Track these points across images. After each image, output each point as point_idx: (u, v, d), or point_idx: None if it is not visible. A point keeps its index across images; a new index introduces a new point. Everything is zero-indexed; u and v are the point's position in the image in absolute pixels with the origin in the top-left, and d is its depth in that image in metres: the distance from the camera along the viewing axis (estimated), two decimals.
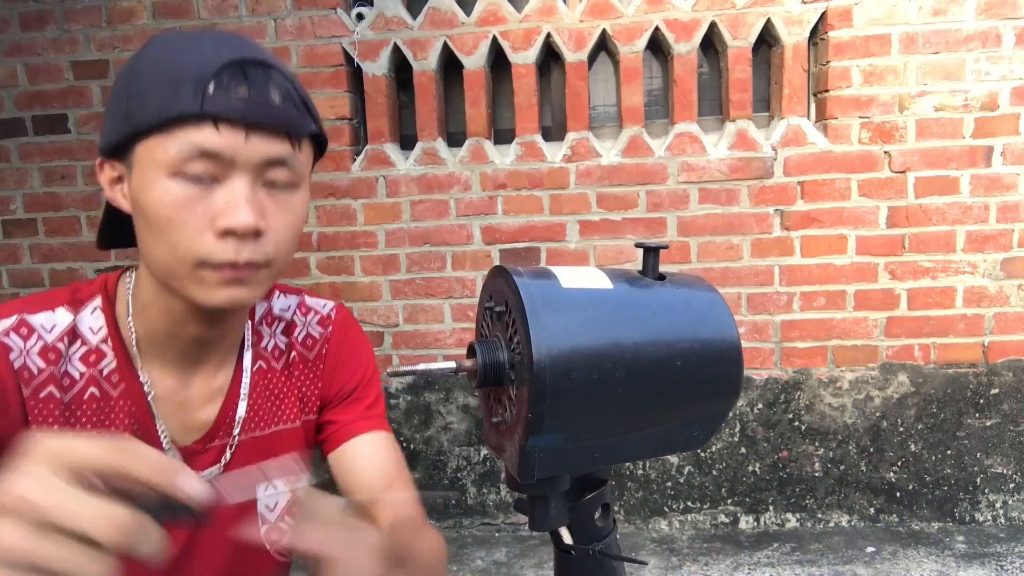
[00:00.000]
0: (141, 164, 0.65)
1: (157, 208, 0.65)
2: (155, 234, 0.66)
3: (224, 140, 0.63)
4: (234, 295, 0.68)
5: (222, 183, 0.65)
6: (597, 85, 2.81)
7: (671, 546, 2.66)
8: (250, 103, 0.63)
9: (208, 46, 0.65)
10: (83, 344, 0.73)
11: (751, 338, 2.70)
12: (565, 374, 0.46)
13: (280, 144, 0.66)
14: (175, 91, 0.62)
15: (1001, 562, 2.44)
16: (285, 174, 0.68)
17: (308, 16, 2.68)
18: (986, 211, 2.58)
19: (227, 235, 0.65)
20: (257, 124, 0.64)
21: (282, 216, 0.69)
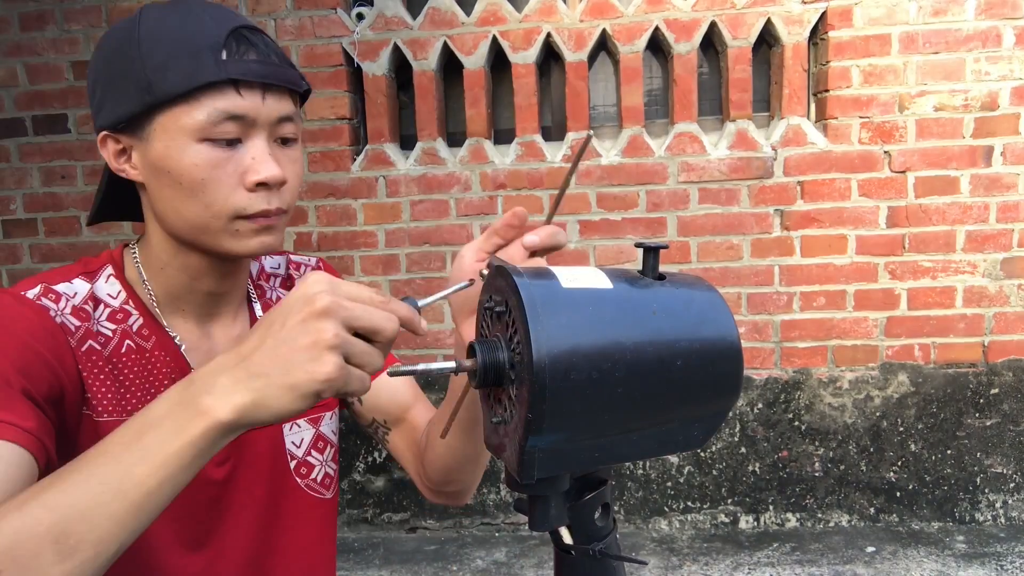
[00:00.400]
0: (166, 132, 0.70)
1: (191, 171, 0.70)
2: (187, 195, 0.71)
3: (247, 103, 0.70)
4: (266, 241, 0.75)
5: (244, 143, 0.72)
6: (597, 85, 2.81)
7: (671, 546, 2.66)
8: (263, 65, 0.70)
9: (204, 16, 0.70)
10: (106, 307, 0.78)
11: (751, 338, 2.70)
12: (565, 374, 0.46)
13: (287, 102, 0.74)
14: (196, 60, 0.67)
15: (1001, 562, 2.44)
16: (292, 128, 0.75)
17: (308, 16, 2.68)
18: (986, 211, 2.58)
19: (259, 188, 0.72)
20: (271, 84, 0.71)
21: (292, 167, 0.76)
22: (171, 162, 0.70)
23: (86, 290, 0.77)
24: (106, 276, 0.79)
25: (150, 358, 0.79)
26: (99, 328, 0.76)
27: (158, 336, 0.79)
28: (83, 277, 0.77)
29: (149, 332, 0.79)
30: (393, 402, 0.94)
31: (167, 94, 0.68)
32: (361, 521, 2.89)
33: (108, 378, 0.75)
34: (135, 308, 0.79)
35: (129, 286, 0.79)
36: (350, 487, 2.89)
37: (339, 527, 2.87)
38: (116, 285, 0.79)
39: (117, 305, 0.78)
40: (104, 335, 0.76)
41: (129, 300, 0.79)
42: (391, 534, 2.86)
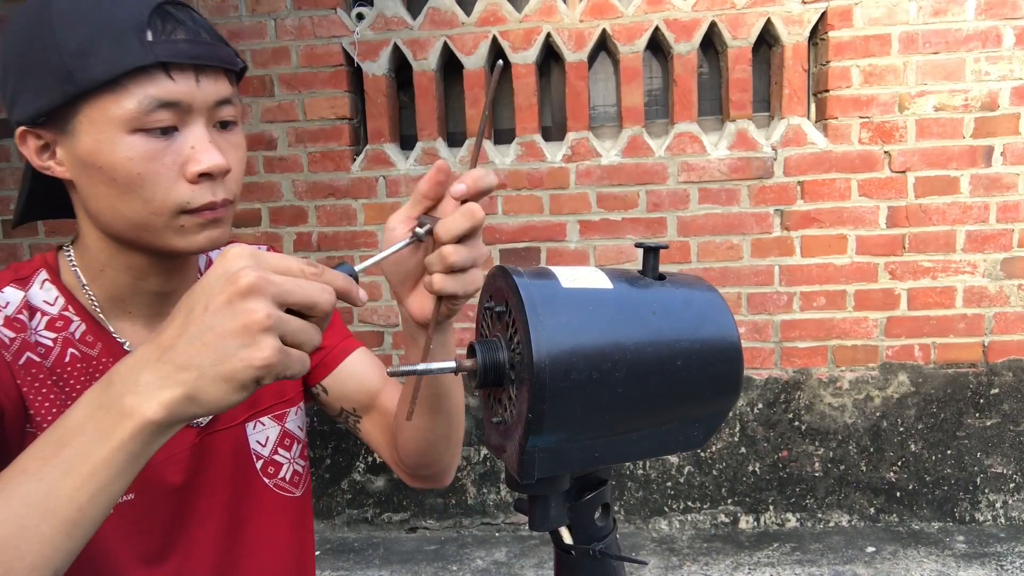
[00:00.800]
0: (93, 125, 0.63)
1: (125, 165, 0.64)
2: (124, 192, 0.65)
3: (180, 87, 0.63)
4: (213, 235, 0.69)
5: (181, 131, 0.65)
6: (597, 85, 2.81)
7: (671, 546, 2.66)
8: (193, 44, 0.64)
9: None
10: (43, 315, 0.72)
11: (751, 338, 2.70)
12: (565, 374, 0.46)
13: (224, 83, 0.68)
14: (118, 44, 0.61)
15: (1001, 562, 2.44)
16: (231, 111, 0.69)
17: (308, 16, 2.68)
18: (986, 211, 2.58)
19: (202, 179, 0.66)
20: (204, 65, 0.65)
21: (234, 153, 0.70)
22: (102, 157, 0.64)
23: (19, 299, 0.71)
24: (40, 282, 0.73)
25: (98, 366, 0.73)
26: (37, 338, 0.70)
27: (104, 342, 0.73)
28: (15, 285, 0.72)
29: (94, 339, 0.73)
30: (361, 389, 0.90)
31: (90, 83, 0.61)
32: (361, 521, 2.89)
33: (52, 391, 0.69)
34: (76, 314, 0.73)
35: (67, 291, 0.73)
36: (350, 487, 2.89)
37: (339, 527, 2.87)
38: (53, 291, 0.73)
39: (56, 312, 0.72)
40: (44, 345, 0.70)
41: (69, 306, 0.73)
42: (391, 534, 2.86)
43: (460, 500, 2.86)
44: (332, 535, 2.88)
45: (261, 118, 2.75)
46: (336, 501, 2.90)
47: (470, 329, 2.73)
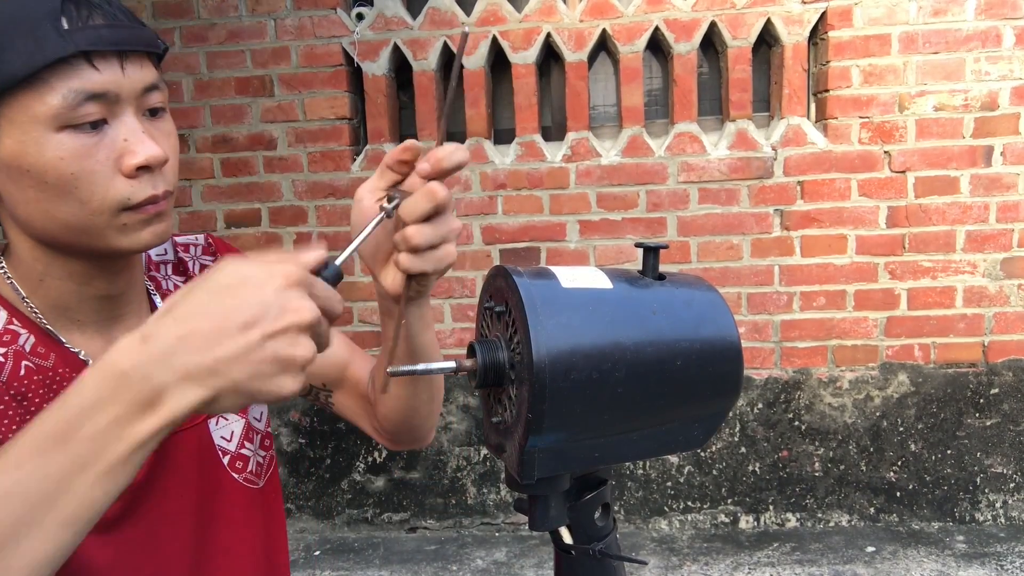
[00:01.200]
0: (15, 125, 0.59)
1: (56, 166, 0.59)
2: (57, 195, 0.61)
3: (105, 77, 0.59)
4: (158, 230, 0.66)
5: (111, 123, 0.61)
6: (597, 85, 2.81)
7: (671, 546, 2.66)
8: (114, 29, 0.60)
9: None
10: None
11: (751, 338, 2.70)
12: (565, 374, 0.46)
13: (149, 68, 0.64)
14: (33, 35, 0.57)
15: (1001, 562, 2.44)
16: (159, 97, 0.66)
17: (308, 16, 2.68)
18: (986, 211, 2.58)
19: (140, 172, 0.62)
20: (127, 51, 0.61)
21: (167, 141, 0.67)
22: (29, 159, 0.59)
23: None
24: None
25: (55, 377, 0.68)
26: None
27: (57, 352, 0.69)
28: None
29: (46, 350, 0.68)
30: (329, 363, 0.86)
31: (7, 80, 0.57)
32: (361, 521, 2.89)
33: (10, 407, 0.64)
34: (23, 327, 0.67)
35: (9, 304, 0.68)
36: (350, 487, 2.89)
37: (339, 527, 2.87)
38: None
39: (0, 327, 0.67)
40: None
41: (13, 319, 0.67)
42: (391, 534, 2.86)
43: (460, 500, 2.86)
44: (332, 535, 2.88)
45: (261, 118, 2.75)
46: (336, 501, 2.90)
47: (470, 329, 2.73)
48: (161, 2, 2.71)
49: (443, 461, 2.86)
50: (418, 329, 0.72)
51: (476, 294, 2.78)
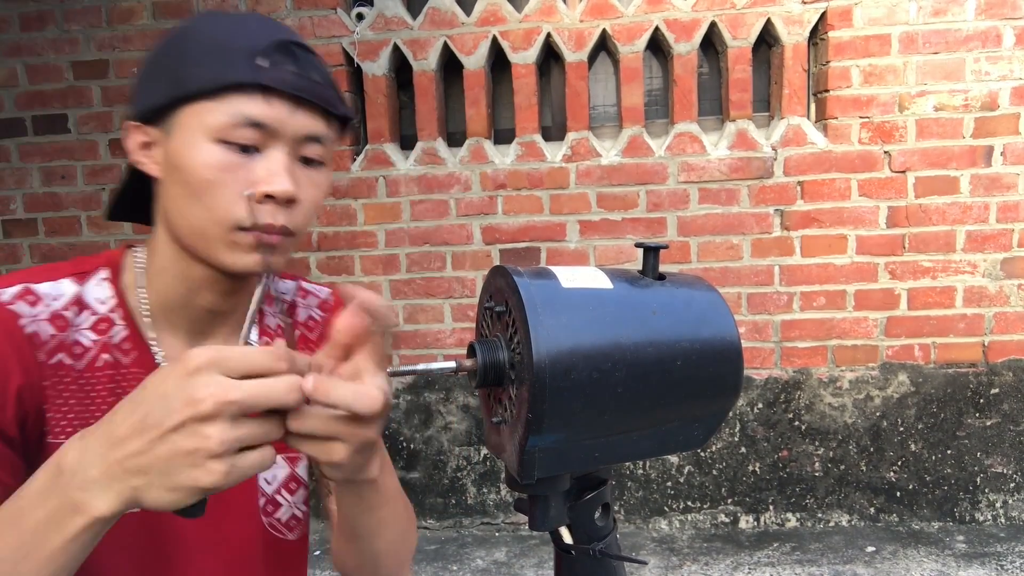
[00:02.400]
0: (185, 128, 0.67)
1: (199, 170, 0.66)
2: (192, 196, 0.67)
3: (273, 111, 0.66)
4: (265, 260, 0.69)
5: (262, 152, 0.67)
6: (597, 85, 2.81)
7: (671, 546, 2.66)
8: (299, 78, 0.67)
9: (254, 25, 0.68)
10: (92, 314, 0.73)
11: (751, 338, 2.70)
12: (565, 374, 0.46)
13: (318, 121, 0.70)
14: (229, 61, 0.65)
15: (1001, 562, 2.44)
16: (318, 150, 0.71)
17: (308, 16, 2.68)
18: (986, 211, 2.58)
19: (265, 200, 0.67)
20: (303, 99, 0.67)
21: (311, 189, 0.72)
22: (183, 159, 0.67)
23: (72, 293, 0.72)
24: (99, 279, 0.74)
25: (125, 375, 0.73)
26: (77, 337, 0.71)
27: (139, 352, 0.74)
28: (73, 278, 0.73)
29: (131, 346, 0.73)
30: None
31: (194, 89, 0.65)
32: None
33: (74, 396, 0.70)
34: (122, 318, 0.74)
35: (122, 292, 0.75)
36: None
37: None
38: (107, 290, 0.74)
39: (103, 312, 0.73)
40: (81, 346, 0.71)
41: (118, 308, 0.74)
42: None
43: (460, 500, 2.86)
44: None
45: None
46: None
47: (470, 329, 2.73)
48: (161, 2, 2.71)
49: (443, 461, 2.86)
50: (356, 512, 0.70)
51: (476, 294, 2.78)
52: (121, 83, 2.76)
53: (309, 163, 0.71)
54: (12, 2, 2.75)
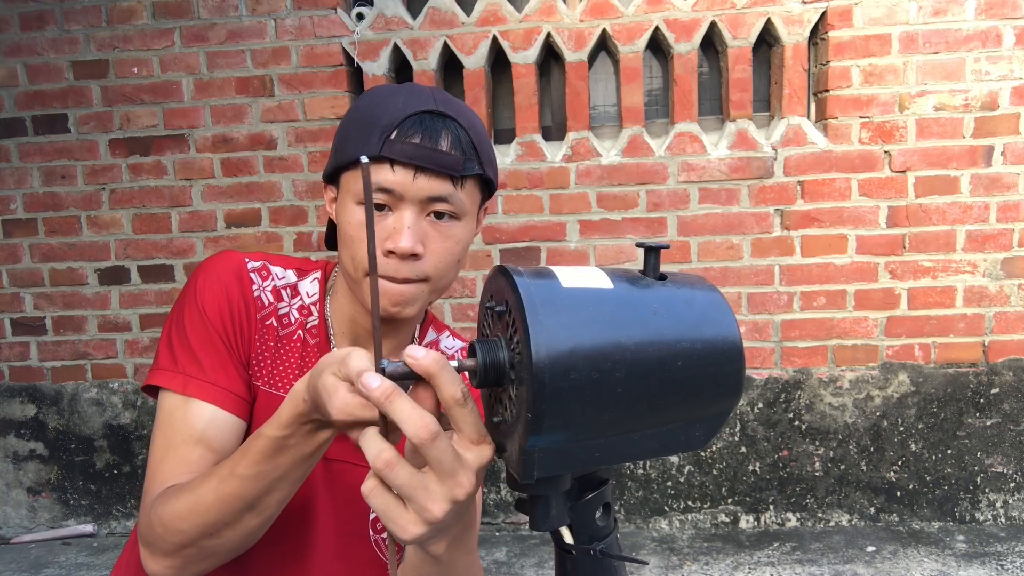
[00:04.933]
0: (343, 190, 0.84)
1: (346, 227, 0.82)
2: (344, 246, 0.84)
3: (396, 178, 0.78)
4: (391, 309, 0.82)
5: (394, 211, 0.80)
6: (597, 85, 2.81)
7: (671, 545, 2.66)
8: (420, 148, 0.77)
9: (400, 99, 0.80)
10: (301, 301, 0.92)
11: (751, 338, 2.70)
12: (564, 374, 0.46)
13: (443, 183, 0.80)
14: (367, 137, 0.78)
15: (1001, 561, 2.44)
16: (447, 207, 0.81)
17: (308, 16, 2.68)
18: (986, 211, 2.58)
19: (390, 255, 0.80)
20: (423, 167, 0.78)
21: (441, 242, 0.82)
22: (339, 215, 0.84)
23: (292, 280, 0.92)
24: (313, 278, 0.94)
25: (311, 352, 0.90)
26: (289, 312, 0.90)
27: (322, 338, 0.91)
28: (297, 272, 0.93)
29: (317, 332, 0.91)
30: None
31: (345, 161, 0.81)
32: None
33: (271, 353, 0.88)
34: (318, 311, 0.92)
35: (324, 294, 0.93)
36: None
37: None
38: (316, 287, 0.93)
39: (308, 302, 0.92)
40: (289, 319, 0.90)
41: (318, 303, 0.92)
42: None
43: None
44: None
45: (261, 118, 2.75)
46: None
47: (470, 328, 2.73)
48: (161, 2, 2.71)
49: None
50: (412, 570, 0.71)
51: (476, 294, 2.78)
52: (121, 83, 2.77)
53: (440, 217, 0.82)
54: (12, 2, 2.75)
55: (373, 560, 0.91)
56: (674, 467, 2.79)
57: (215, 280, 0.85)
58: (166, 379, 0.81)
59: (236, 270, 0.87)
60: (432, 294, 0.86)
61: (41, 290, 2.91)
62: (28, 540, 2.93)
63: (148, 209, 2.83)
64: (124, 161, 2.81)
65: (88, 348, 2.92)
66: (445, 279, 0.86)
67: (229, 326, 0.84)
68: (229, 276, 0.86)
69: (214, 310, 0.84)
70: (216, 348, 0.83)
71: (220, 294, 0.85)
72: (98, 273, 2.88)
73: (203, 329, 0.83)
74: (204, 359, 0.82)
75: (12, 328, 2.94)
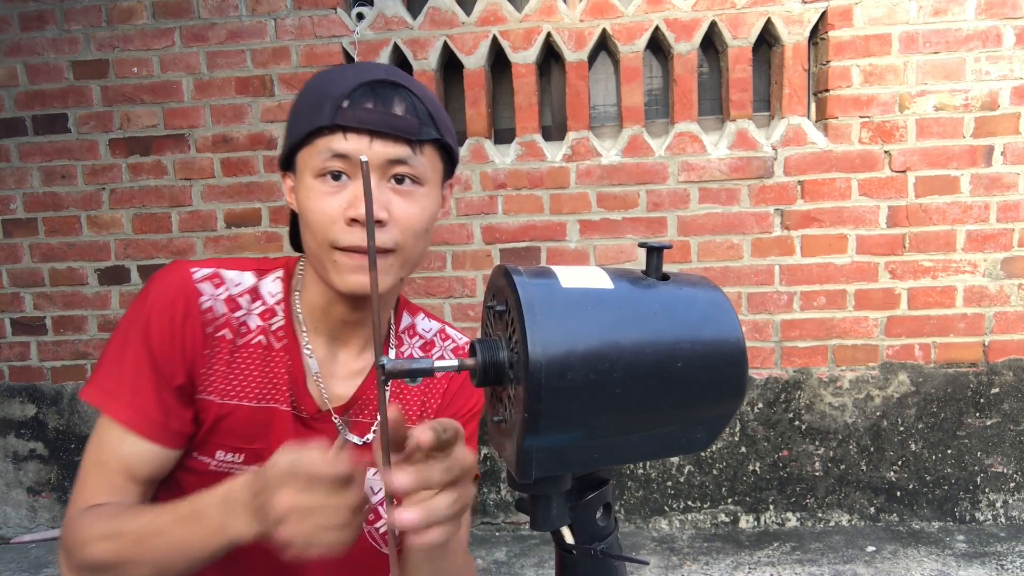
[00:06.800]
0: (299, 171, 0.81)
1: (306, 202, 0.80)
2: (306, 225, 0.81)
3: (352, 145, 0.77)
4: (364, 280, 0.79)
5: (353, 179, 0.78)
6: (597, 85, 2.81)
7: (672, 545, 2.66)
8: (374, 112, 0.77)
9: (350, 72, 0.79)
10: (263, 304, 0.88)
11: (751, 337, 2.70)
12: (561, 374, 0.45)
13: (401, 147, 0.78)
14: (319, 109, 0.77)
15: (1001, 561, 2.44)
16: (407, 169, 0.79)
17: (308, 16, 2.68)
18: (986, 210, 2.58)
19: (354, 223, 0.77)
20: (378, 131, 0.77)
21: (405, 207, 0.80)
22: (299, 196, 0.81)
23: (251, 283, 0.88)
24: (275, 277, 0.90)
25: (275, 356, 0.87)
26: (247, 319, 0.87)
27: (290, 340, 0.88)
28: (255, 273, 0.89)
29: (284, 335, 0.88)
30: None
31: (299, 138, 0.79)
32: None
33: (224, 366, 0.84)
34: (283, 311, 0.89)
35: (289, 291, 0.90)
36: None
37: None
38: (279, 287, 0.90)
39: (271, 304, 0.89)
40: (247, 327, 0.86)
41: (282, 303, 0.89)
42: None
43: None
44: None
45: (261, 118, 2.75)
46: None
47: (470, 328, 2.73)
48: (161, 2, 2.71)
49: None
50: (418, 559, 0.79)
51: (476, 294, 2.78)
52: (121, 83, 2.76)
53: (401, 181, 0.80)
54: (12, 2, 2.75)
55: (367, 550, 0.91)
56: (674, 467, 2.79)
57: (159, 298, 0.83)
58: (96, 397, 0.81)
59: (181, 284, 0.84)
60: (402, 268, 0.83)
61: (41, 290, 2.91)
62: (28, 540, 2.93)
63: (148, 209, 2.83)
64: (124, 161, 2.81)
65: (88, 348, 2.92)
66: (415, 250, 0.84)
67: (168, 348, 0.82)
68: (174, 292, 0.83)
69: (156, 332, 0.81)
70: (147, 374, 0.81)
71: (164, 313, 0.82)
72: (98, 273, 2.88)
73: (140, 352, 0.81)
74: (135, 384, 0.81)
75: (12, 328, 2.94)
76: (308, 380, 0.88)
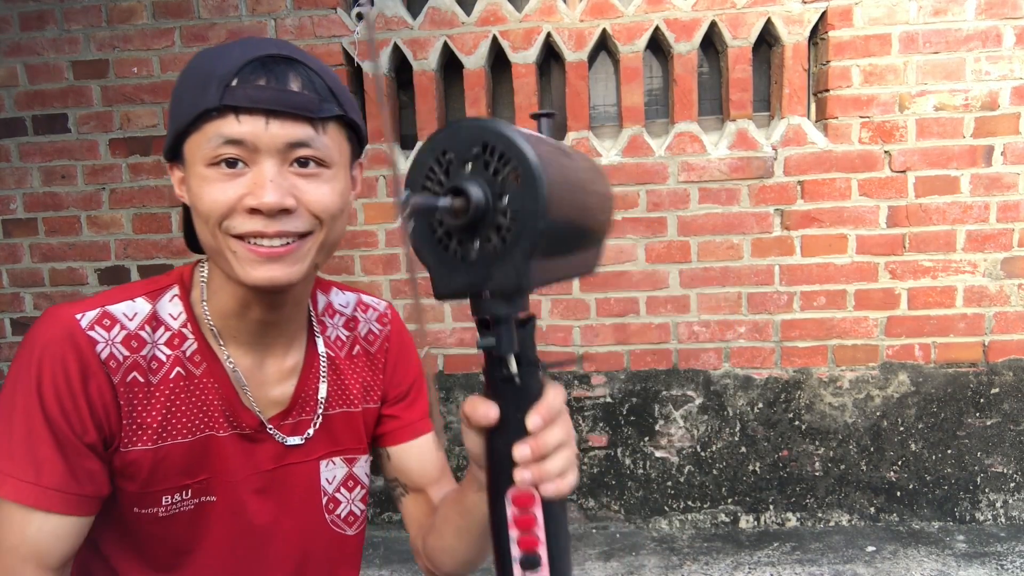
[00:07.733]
0: (188, 160, 0.73)
1: (199, 193, 0.71)
2: (200, 218, 0.73)
3: (245, 128, 0.69)
4: (272, 273, 0.72)
5: (250, 167, 0.71)
6: (597, 85, 2.82)
7: (671, 545, 2.66)
8: (267, 90, 0.69)
9: (237, 49, 0.71)
10: (166, 330, 0.79)
11: (751, 337, 2.70)
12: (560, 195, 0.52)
13: (301, 127, 0.71)
14: (203, 91, 0.69)
15: (1001, 561, 2.44)
16: (310, 151, 0.72)
17: (308, 16, 2.68)
18: (986, 210, 2.58)
19: (254, 213, 0.70)
20: (275, 111, 0.69)
21: (315, 190, 0.73)
22: (191, 188, 0.73)
23: (147, 311, 0.78)
24: (171, 296, 0.81)
25: (199, 384, 0.79)
26: (155, 353, 0.78)
27: (209, 363, 0.80)
28: (147, 297, 0.79)
29: (201, 358, 0.80)
30: (420, 472, 0.95)
31: (184, 124, 0.71)
32: None
33: (153, 407, 0.77)
34: (192, 332, 0.80)
35: (191, 307, 0.81)
36: None
37: None
38: (178, 306, 0.80)
39: (176, 328, 0.79)
40: (158, 360, 0.78)
41: (188, 323, 0.80)
42: (391, 534, 2.86)
43: None
44: None
45: None
46: None
47: (470, 328, 2.73)
48: (161, 2, 2.71)
49: None
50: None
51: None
52: (121, 83, 2.77)
53: (305, 164, 0.73)
54: (12, 2, 2.75)
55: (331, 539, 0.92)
56: (674, 467, 2.78)
57: (48, 357, 0.72)
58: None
59: (69, 337, 0.73)
60: (320, 253, 0.76)
61: (41, 290, 2.91)
62: None
63: (148, 209, 2.83)
64: (124, 161, 2.81)
65: None
66: (331, 235, 0.76)
67: (72, 412, 0.72)
68: (63, 348, 0.72)
69: (51, 399, 0.71)
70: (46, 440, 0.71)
71: (57, 376, 0.71)
72: (98, 273, 2.88)
73: (34, 419, 0.71)
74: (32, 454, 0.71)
75: (12, 328, 2.94)
76: (241, 396, 0.82)
